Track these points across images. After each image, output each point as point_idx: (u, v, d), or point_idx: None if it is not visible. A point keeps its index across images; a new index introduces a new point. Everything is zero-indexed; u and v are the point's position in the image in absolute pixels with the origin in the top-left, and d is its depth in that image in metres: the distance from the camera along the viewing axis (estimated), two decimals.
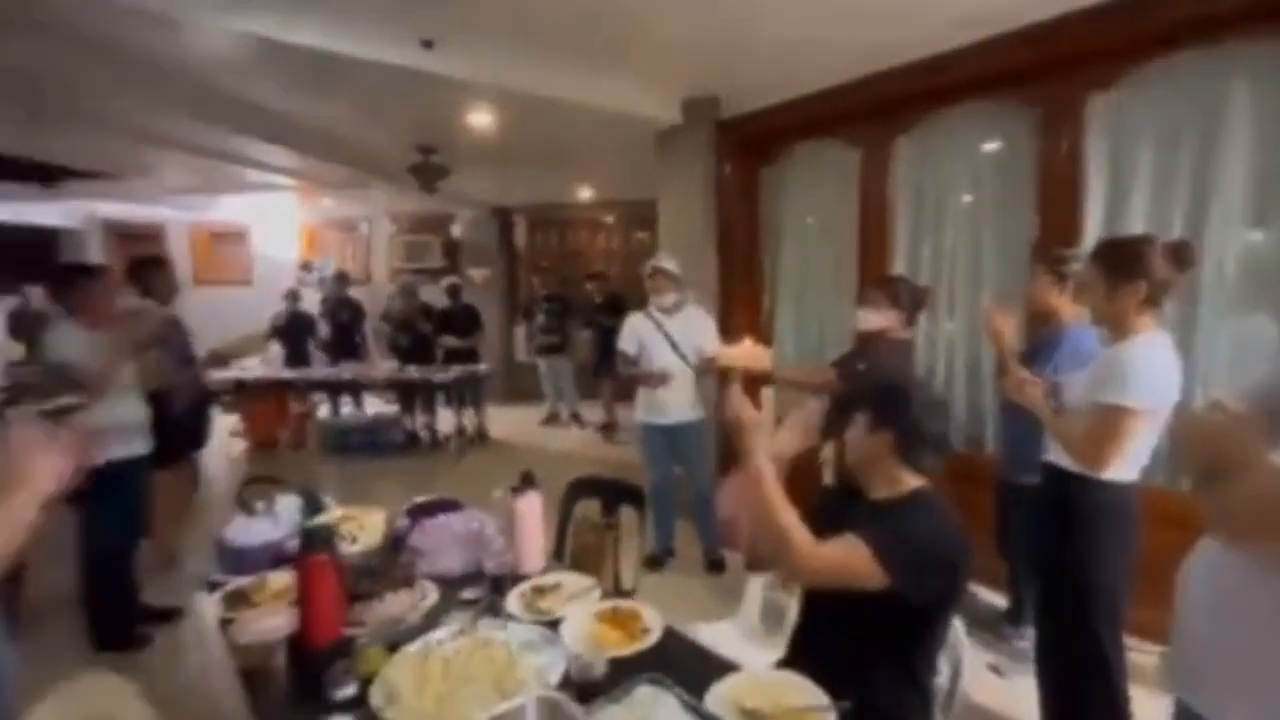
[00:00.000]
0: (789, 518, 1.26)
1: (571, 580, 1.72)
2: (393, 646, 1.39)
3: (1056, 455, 1.84)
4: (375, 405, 6.84)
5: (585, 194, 7.34)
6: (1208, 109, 2.30)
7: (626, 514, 2.44)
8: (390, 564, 1.73)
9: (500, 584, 1.66)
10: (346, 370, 6.10)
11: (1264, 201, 2.23)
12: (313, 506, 2.12)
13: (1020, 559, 2.53)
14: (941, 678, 1.43)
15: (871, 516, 1.32)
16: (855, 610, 1.27)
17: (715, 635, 2.06)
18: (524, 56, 3.28)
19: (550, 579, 1.72)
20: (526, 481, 1.80)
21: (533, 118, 4.14)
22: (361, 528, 1.92)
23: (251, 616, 1.50)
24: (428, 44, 3.02)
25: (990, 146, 2.93)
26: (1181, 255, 1.65)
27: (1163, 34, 2.29)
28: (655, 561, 3.42)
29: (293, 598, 1.52)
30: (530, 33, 2.98)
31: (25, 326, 5.62)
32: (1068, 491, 1.79)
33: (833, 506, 1.44)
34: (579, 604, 1.59)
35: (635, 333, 3.39)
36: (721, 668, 1.35)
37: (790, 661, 1.47)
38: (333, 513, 2.04)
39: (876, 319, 2.56)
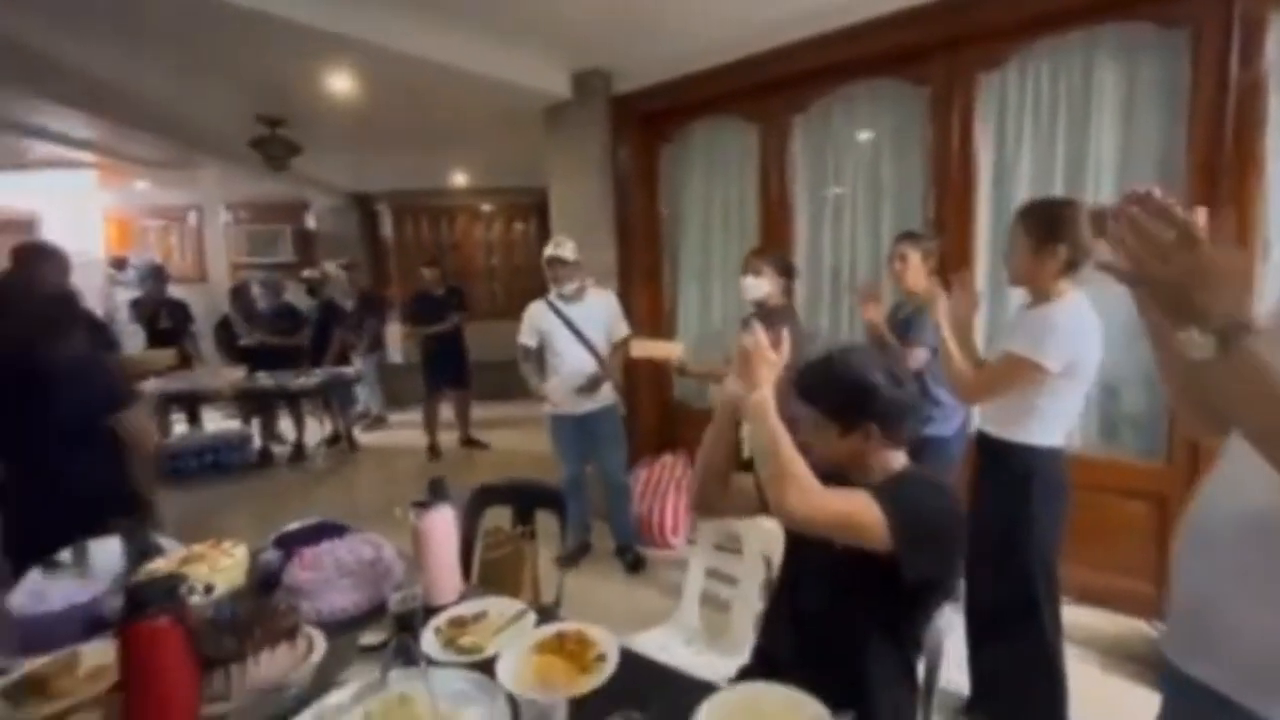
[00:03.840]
0: (793, 455, 1.13)
1: (497, 607, 1.44)
2: None
3: (985, 423, 1.86)
4: (215, 421, 5.93)
5: (460, 180, 6.82)
6: (1081, 89, 2.45)
7: (543, 520, 2.19)
8: (260, 612, 1.34)
9: (409, 622, 1.33)
10: (179, 382, 5.17)
11: (1127, 177, 2.42)
12: (140, 550, 1.66)
13: None
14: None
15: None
16: (848, 577, 1.17)
17: (656, 644, 1.88)
18: (393, 7, 2.86)
19: (471, 608, 1.43)
20: (435, 492, 1.49)
21: (402, 86, 3.68)
22: (215, 570, 1.51)
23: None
24: None
25: (884, 125, 2.98)
26: (1103, 221, 1.66)
27: (1049, 15, 2.39)
28: (570, 559, 3.20)
29: (116, 677, 1.12)
30: None
31: None
32: (997, 457, 1.80)
33: None
34: (512, 635, 1.33)
35: (535, 324, 3.17)
36: (696, 688, 1.16)
37: (767, 645, 1.36)
38: (171, 555, 1.59)
39: (761, 286, 2.65)
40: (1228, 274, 0.75)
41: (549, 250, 3.12)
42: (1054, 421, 1.72)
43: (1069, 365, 1.63)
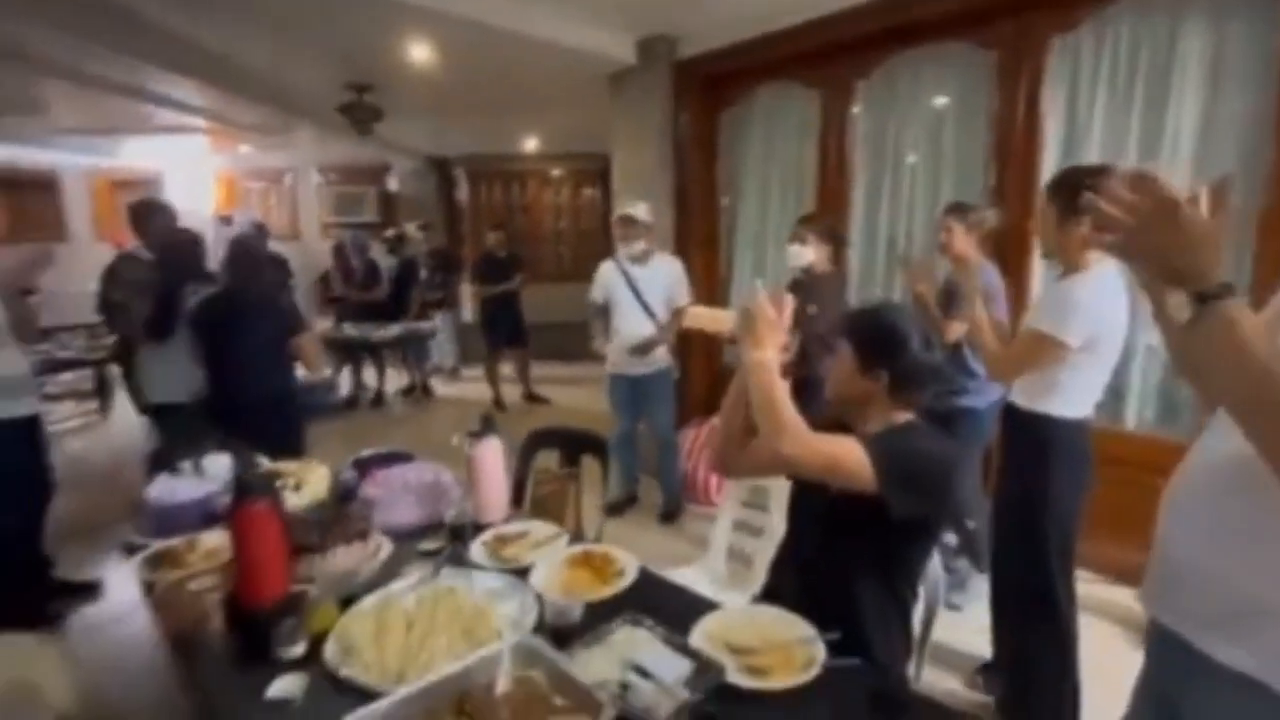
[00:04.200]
0: (788, 407, 1.23)
1: (537, 528, 1.63)
2: (346, 602, 1.28)
3: (1015, 395, 1.87)
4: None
5: (531, 145, 7.01)
6: (1164, 53, 2.32)
7: (588, 464, 2.37)
8: (339, 516, 1.59)
9: (461, 534, 1.55)
10: None
11: (1206, 153, 2.29)
12: (244, 465, 1.94)
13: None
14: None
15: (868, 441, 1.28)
16: (842, 520, 1.26)
17: (684, 580, 2.03)
18: None
19: (514, 528, 1.63)
20: (486, 426, 1.69)
21: (476, 53, 3.85)
22: (303, 482, 1.77)
23: (177, 582, 1.35)
24: None
25: (948, 92, 2.91)
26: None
27: None
28: (616, 507, 3.40)
29: (227, 556, 1.37)
30: None
31: None
32: (1022, 429, 1.83)
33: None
34: (547, 551, 1.51)
35: (603, 282, 3.30)
36: (701, 606, 1.31)
37: (774, 584, 1.46)
38: (268, 469, 1.87)
39: (806, 254, 2.70)
40: (1207, 239, 0.78)
41: (622, 209, 3.20)
42: (1076, 394, 1.71)
43: (1090, 339, 1.62)
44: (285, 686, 1.06)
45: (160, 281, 2.76)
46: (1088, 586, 2.33)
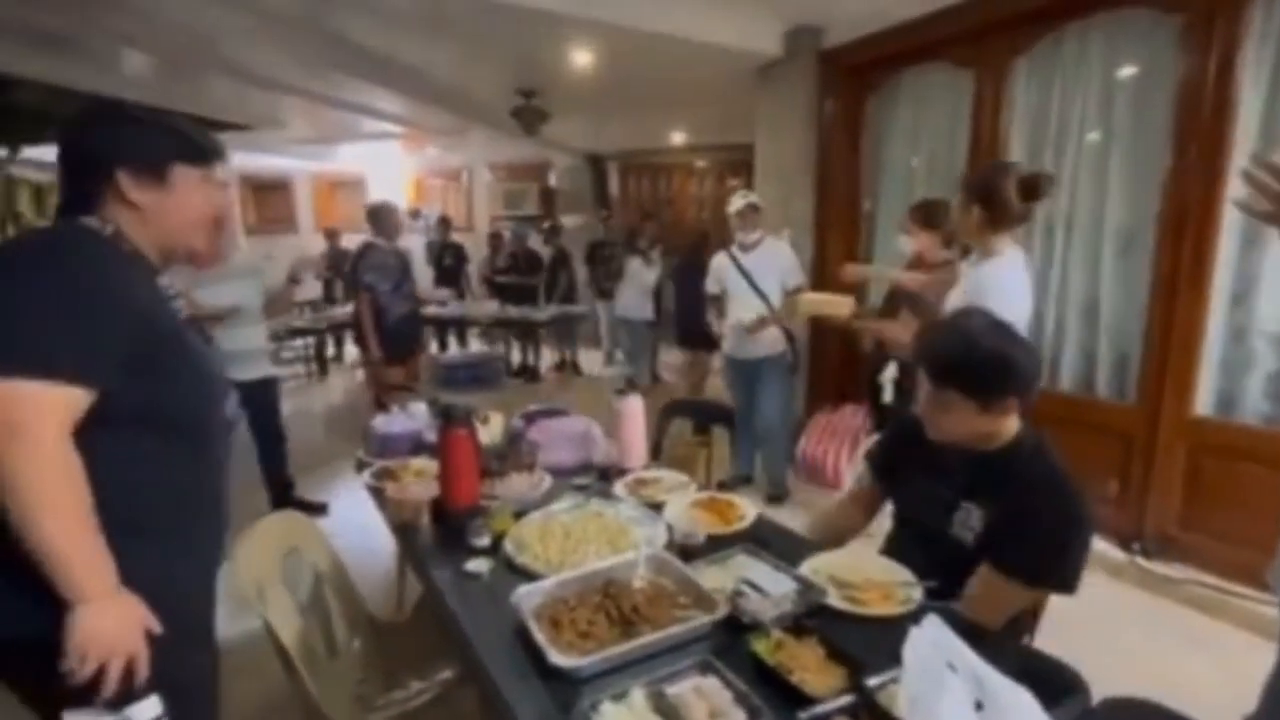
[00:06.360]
0: None
1: (670, 476, 1.88)
2: (518, 515, 1.60)
3: None
4: (475, 344, 7.34)
5: (678, 138, 7.28)
6: None
7: (718, 434, 2.59)
8: (511, 451, 1.95)
9: (607, 474, 1.84)
10: (454, 309, 6.53)
11: None
12: (440, 409, 2.39)
13: None
14: None
15: (981, 472, 1.31)
16: (941, 556, 1.32)
17: None
18: None
19: (651, 474, 1.89)
20: (630, 386, 1.96)
21: (632, 56, 4.15)
22: (485, 421, 2.16)
23: (399, 487, 1.76)
24: None
25: (1122, 64, 2.70)
26: (1032, 187, 1.81)
27: None
28: (724, 486, 3.53)
29: (434, 474, 1.76)
30: None
31: None
32: None
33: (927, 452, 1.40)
34: (678, 494, 1.75)
35: (717, 273, 3.47)
36: (813, 548, 1.46)
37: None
38: None
39: (910, 244, 2.73)
40: None
41: (742, 201, 3.31)
42: None
43: (1003, 309, 1.76)
44: (476, 565, 1.40)
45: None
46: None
